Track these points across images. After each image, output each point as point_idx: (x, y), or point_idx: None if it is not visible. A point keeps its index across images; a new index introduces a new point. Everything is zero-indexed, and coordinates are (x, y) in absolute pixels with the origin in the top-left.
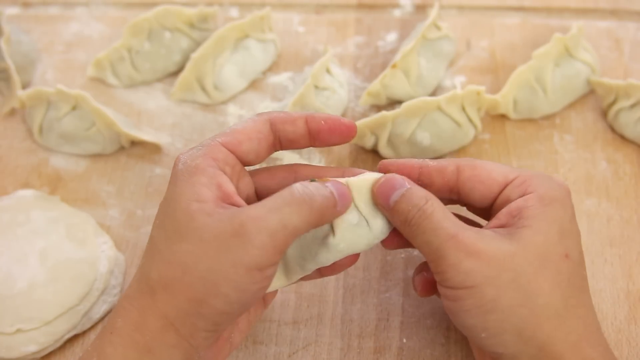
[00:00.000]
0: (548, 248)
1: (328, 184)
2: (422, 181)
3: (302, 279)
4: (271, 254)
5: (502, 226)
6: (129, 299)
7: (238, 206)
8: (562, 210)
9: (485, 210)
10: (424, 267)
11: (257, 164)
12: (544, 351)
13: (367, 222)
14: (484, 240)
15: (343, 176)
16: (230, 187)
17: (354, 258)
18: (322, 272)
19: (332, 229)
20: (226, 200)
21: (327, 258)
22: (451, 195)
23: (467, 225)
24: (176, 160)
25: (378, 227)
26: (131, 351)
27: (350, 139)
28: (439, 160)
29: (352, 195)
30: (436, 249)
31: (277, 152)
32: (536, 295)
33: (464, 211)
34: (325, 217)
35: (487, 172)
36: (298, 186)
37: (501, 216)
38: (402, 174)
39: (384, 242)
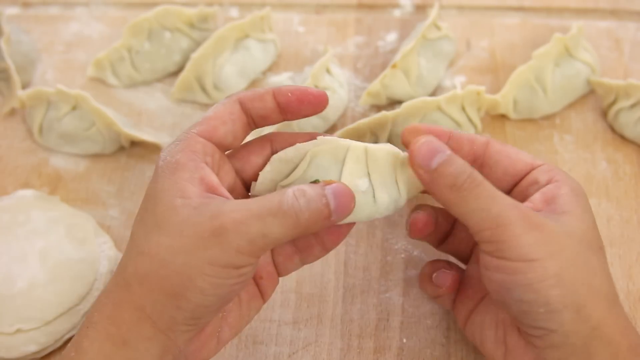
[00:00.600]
0: (590, 236)
1: (328, 191)
2: (451, 145)
3: (306, 259)
4: (248, 257)
5: (537, 211)
6: (106, 292)
7: (223, 197)
8: (588, 205)
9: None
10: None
11: (236, 146)
12: (597, 331)
13: (374, 193)
14: (542, 216)
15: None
16: (213, 179)
17: (348, 226)
18: (305, 259)
19: None
20: (210, 192)
21: None
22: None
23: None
24: (158, 157)
25: (384, 202)
26: (107, 344)
27: (322, 109)
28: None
29: (353, 201)
30: (496, 216)
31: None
32: (593, 275)
33: None
34: (315, 228)
35: (515, 151)
36: (289, 197)
37: (535, 200)
38: (433, 133)
39: (411, 231)
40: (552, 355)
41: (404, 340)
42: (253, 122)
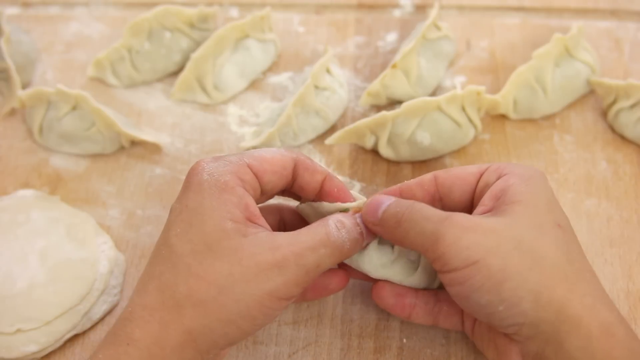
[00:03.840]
0: (541, 218)
1: (358, 220)
2: (404, 197)
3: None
4: (300, 288)
5: (489, 210)
6: (149, 309)
7: (263, 227)
8: (543, 186)
9: (470, 210)
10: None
11: (263, 200)
12: (562, 314)
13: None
14: (477, 218)
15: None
16: (256, 210)
17: (342, 281)
18: (305, 296)
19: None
20: (253, 221)
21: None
22: (435, 205)
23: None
24: (197, 168)
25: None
26: None
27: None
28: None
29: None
30: (431, 233)
31: None
32: (542, 257)
33: None
34: (352, 254)
35: (461, 169)
36: (333, 228)
37: (486, 201)
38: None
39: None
40: (530, 347)
41: (404, 340)
42: (292, 186)
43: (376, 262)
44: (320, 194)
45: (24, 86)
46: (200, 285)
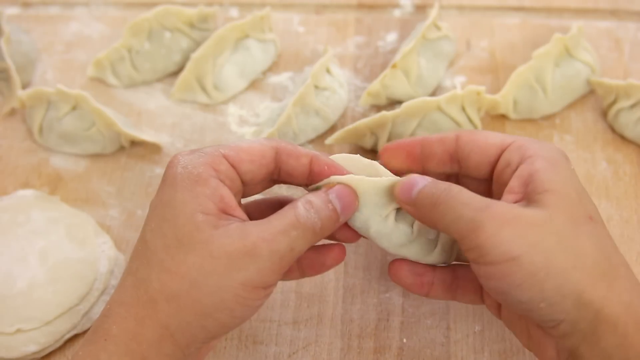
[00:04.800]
0: (574, 210)
1: (332, 195)
2: (425, 153)
3: (306, 273)
4: (277, 275)
5: (520, 199)
6: (125, 305)
7: (239, 218)
8: (570, 172)
9: (486, 183)
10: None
11: (248, 191)
12: (601, 314)
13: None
14: (517, 209)
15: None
16: (232, 200)
17: (339, 256)
18: (304, 273)
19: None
20: (228, 212)
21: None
22: (452, 166)
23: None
24: (173, 161)
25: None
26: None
27: None
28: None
29: (356, 199)
30: (470, 221)
31: None
32: (584, 255)
33: None
34: (329, 232)
35: (484, 136)
36: (301, 209)
37: (515, 188)
38: (405, 149)
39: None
40: (566, 343)
41: (404, 340)
42: (279, 175)
43: (395, 240)
44: (311, 176)
45: (24, 86)
46: (173, 279)
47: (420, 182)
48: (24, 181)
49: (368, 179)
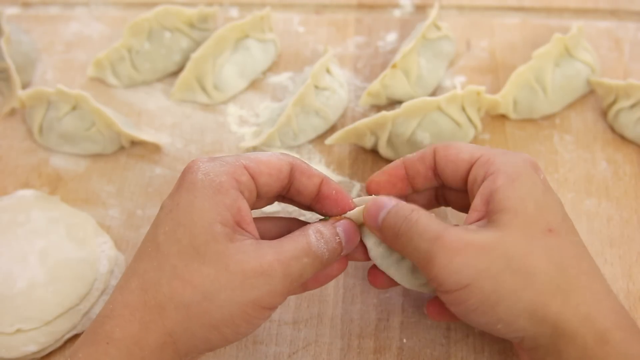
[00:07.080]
0: (530, 226)
1: (339, 228)
2: (409, 173)
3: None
4: (284, 297)
5: (482, 217)
6: (130, 308)
7: (251, 234)
8: (532, 183)
9: (466, 196)
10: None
11: (257, 202)
12: (558, 328)
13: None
14: (468, 236)
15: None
16: (248, 215)
17: (342, 266)
18: (306, 286)
19: None
20: (242, 226)
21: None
22: (438, 179)
23: (452, 225)
24: (193, 167)
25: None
26: None
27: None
28: (420, 150)
29: (358, 234)
30: (425, 253)
31: None
32: (533, 274)
33: (449, 214)
34: (331, 263)
35: (456, 151)
36: (313, 238)
37: (478, 206)
38: (390, 174)
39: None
40: (534, 356)
41: (404, 340)
42: (287, 191)
43: (387, 261)
44: (318, 198)
45: (24, 86)
46: (185, 288)
47: (386, 206)
48: (24, 181)
49: (359, 208)
